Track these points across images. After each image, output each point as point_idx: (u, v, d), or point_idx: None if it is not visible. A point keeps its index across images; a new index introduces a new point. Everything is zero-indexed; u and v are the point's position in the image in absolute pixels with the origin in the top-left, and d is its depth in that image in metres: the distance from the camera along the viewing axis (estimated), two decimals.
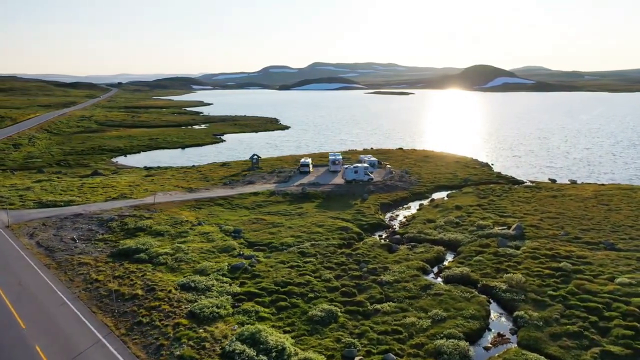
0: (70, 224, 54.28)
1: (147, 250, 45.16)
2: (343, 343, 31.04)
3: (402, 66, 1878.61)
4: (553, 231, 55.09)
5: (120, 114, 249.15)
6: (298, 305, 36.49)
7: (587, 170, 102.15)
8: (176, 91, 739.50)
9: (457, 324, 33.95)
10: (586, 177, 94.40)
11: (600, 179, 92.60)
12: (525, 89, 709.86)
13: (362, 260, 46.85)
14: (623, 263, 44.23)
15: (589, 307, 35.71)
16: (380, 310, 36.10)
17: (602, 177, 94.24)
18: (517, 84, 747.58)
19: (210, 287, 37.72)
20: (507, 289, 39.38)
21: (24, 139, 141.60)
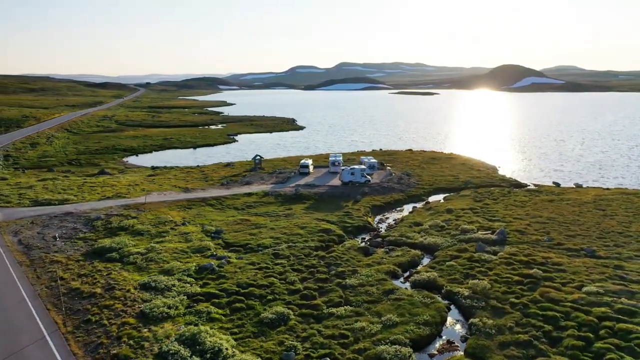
0: (57, 222, 55.85)
1: (120, 249, 46.14)
2: (285, 346, 31.16)
3: (430, 66, 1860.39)
4: (537, 236, 53.96)
5: (141, 114, 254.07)
6: (253, 307, 36.75)
7: (597, 174, 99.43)
8: (202, 91, 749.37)
9: (407, 329, 33.67)
10: (593, 181, 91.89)
11: (607, 183, 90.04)
12: (554, 89, 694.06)
13: (333, 263, 46.80)
14: (598, 271, 43.05)
15: (547, 316, 34.92)
16: (335, 314, 36.03)
17: (611, 181, 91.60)
18: (546, 84, 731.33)
19: (171, 287, 38.32)
20: (470, 295, 38.82)
21: (43, 138, 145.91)
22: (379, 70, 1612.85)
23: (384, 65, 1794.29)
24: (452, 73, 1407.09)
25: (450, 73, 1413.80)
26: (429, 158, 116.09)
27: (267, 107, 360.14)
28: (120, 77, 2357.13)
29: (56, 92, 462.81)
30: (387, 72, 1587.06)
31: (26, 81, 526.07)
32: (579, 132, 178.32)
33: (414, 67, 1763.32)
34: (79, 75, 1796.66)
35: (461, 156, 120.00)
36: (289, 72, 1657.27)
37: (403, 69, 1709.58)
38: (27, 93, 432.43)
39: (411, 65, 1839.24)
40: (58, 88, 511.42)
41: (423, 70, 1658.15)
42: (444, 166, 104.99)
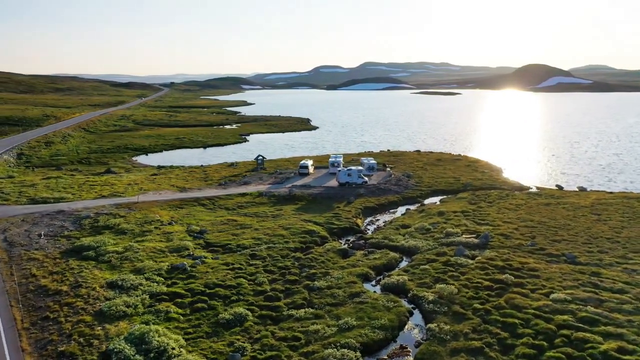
0: (47, 221, 57.32)
1: (97, 248, 47.13)
2: (234, 347, 31.44)
3: (456, 65, 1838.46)
4: (521, 241, 53.05)
5: (159, 114, 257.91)
6: (215, 308, 37.12)
7: (605, 177, 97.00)
8: (225, 91, 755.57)
9: (361, 333, 33.56)
10: (599, 185, 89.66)
11: (613, 187, 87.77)
12: (581, 89, 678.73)
13: (307, 265, 46.91)
14: (572, 277, 42.14)
15: (507, 323, 34.39)
16: (294, 316, 36.16)
17: (618, 185, 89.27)
18: (572, 83, 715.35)
19: (137, 287, 38.99)
20: (434, 300, 38.44)
21: (58, 137, 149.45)
22: (403, 70, 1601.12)
23: (408, 65, 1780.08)
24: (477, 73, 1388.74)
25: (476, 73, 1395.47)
26: (435, 159, 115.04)
27: (285, 107, 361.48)
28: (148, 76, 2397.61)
29: (82, 92, 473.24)
30: (411, 71, 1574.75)
31: (54, 81, 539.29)
32: (597, 133, 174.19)
33: (438, 67, 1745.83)
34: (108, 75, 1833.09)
35: (468, 157, 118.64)
36: (313, 72, 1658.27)
37: (428, 68, 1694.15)
38: (54, 93, 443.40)
39: (436, 65, 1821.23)
40: (84, 88, 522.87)
41: (448, 70, 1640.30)
42: (448, 168, 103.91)
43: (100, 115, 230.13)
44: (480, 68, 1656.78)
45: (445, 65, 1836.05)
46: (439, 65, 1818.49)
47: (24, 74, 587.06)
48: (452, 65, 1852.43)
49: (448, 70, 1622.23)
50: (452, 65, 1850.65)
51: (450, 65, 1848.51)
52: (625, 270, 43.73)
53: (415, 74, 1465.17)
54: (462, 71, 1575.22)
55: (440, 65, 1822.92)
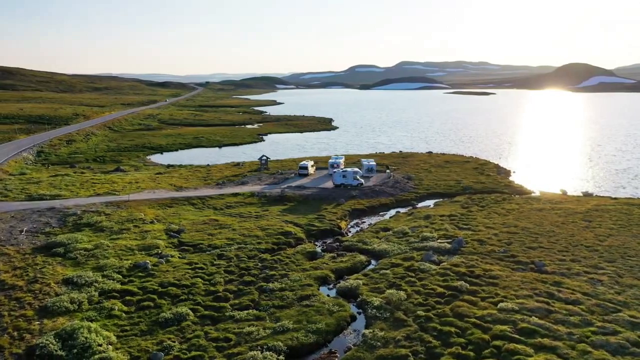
0: (35, 217, 59.61)
1: (68, 245, 48.77)
2: (161, 346, 32.09)
3: (494, 65, 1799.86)
4: (495, 247, 51.87)
5: (186, 113, 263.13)
6: (161, 307, 37.93)
7: (616, 182, 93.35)
8: (259, 90, 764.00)
9: (293, 336, 33.66)
10: (606, 190, 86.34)
11: (621, 192, 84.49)
12: (624, 89, 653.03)
13: (269, 267, 47.26)
14: (530, 287, 40.98)
15: (442, 331, 33.83)
16: (234, 317, 36.57)
17: (629, 191, 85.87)
18: (615, 83, 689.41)
19: (91, 283, 40.22)
20: (380, 305, 38.11)
21: (81, 136, 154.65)
22: (440, 70, 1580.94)
23: (446, 64, 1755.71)
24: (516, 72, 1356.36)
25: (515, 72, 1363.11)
26: (443, 161, 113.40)
27: (312, 106, 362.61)
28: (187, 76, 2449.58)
29: (119, 91, 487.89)
30: (448, 71, 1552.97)
31: (93, 81, 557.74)
32: (624, 136, 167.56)
33: (476, 66, 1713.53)
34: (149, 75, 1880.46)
35: (479, 160, 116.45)
36: (348, 72, 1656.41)
37: (465, 67, 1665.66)
38: (91, 92, 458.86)
39: (474, 64, 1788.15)
40: (121, 87, 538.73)
41: (486, 69, 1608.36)
42: (454, 170, 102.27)
43: (128, 114, 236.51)
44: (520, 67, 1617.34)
45: (484, 64, 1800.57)
46: (477, 64, 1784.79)
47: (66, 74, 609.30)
48: (491, 64, 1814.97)
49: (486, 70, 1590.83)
50: (490, 64, 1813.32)
51: (489, 64, 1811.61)
52: (590, 281, 42.22)
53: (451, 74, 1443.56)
54: (501, 70, 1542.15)
55: (479, 64, 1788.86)
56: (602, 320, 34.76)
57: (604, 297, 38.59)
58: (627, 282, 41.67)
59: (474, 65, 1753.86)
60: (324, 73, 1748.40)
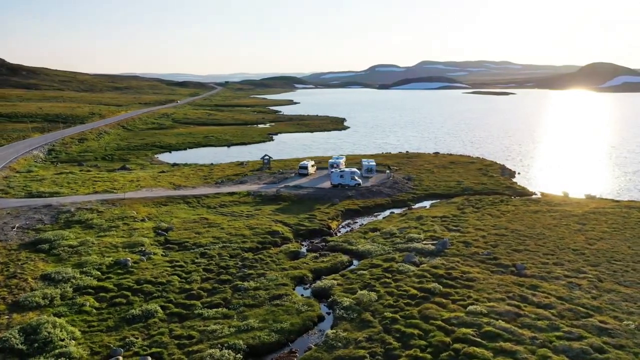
0: (30, 214, 61.01)
1: (54, 241, 49.80)
2: (123, 342, 32.56)
3: (517, 64, 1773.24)
4: (479, 249, 51.29)
5: (200, 112, 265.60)
6: (132, 304, 38.49)
7: (622, 185, 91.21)
8: (278, 90, 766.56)
9: (256, 335, 33.86)
10: (610, 193, 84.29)
11: (626, 195, 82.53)
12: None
13: (249, 266, 47.55)
14: (505, 290, 40.44)
15: (405, 333, 33.63)
16: (202, 315, 36.92)
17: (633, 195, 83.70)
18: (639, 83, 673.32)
19: (68, 279, 41.04)
20: (348, 306, 38.04)
21: (94, 134, 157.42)
22: (461, 69, 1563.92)
23: (467, 63, 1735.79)
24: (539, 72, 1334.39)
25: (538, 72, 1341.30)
26: (448, 162, 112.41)
27: (328, 106, 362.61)
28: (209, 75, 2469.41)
29: (138, 91, 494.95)
30: (469, 70, 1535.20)
31: (114, 80, 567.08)
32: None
33: (498, 66, 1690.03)
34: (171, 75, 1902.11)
35: (485, 161, 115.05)
36: (369, 71, 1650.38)
37: (487, 67, 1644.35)
38: (112, 91, 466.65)
39: (496, 63, 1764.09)
40: (141, 87, 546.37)
41: (508, 69, 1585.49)
42: (457, 171, 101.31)
43: (143, 113, 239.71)
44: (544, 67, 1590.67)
45: (506, 63, 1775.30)
46: (499, 63, 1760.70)
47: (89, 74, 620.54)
48: (514, 63, 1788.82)
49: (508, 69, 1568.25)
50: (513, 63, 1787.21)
51: (511, 63, 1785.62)
52: (568, 285, 41.46)
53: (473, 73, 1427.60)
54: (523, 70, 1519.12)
55: (501, 63, 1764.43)
56: (570, 325, 34.14)
57: (578, 302, 37.88)
58: (606, 287, 40.82)
59: (496, 64, 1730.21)
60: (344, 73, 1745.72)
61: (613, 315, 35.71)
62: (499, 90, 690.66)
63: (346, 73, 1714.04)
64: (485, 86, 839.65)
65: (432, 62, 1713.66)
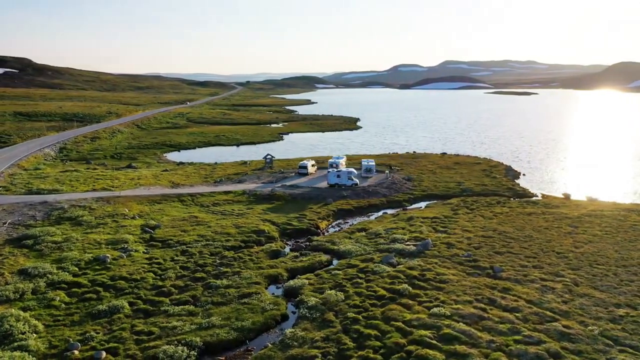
0: (25, 210, 62.52)
1: (39, 237, 50.94)
2: (83, 337, 33.16)
3: (543, 64, 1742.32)
4: (461, 251, 50.71)
5: (216, 112, 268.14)
6: (102, 299, 39.15)
7: (629, 188, 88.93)
8: (298, 90, 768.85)
9: (215, 333, 34.09)
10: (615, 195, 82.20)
11: (629, 198, 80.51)
12: None
13: (226, 264, 47.89)
14: (476, 292, 39.89)
15: (363, 334, 33.48)
16: (168, 312, 37.35)
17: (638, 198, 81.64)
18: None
19: (44, 275, 41.96)
20: (313, 305, 37.99)
21: (107, 133, 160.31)
22: (485, 69, 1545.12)
23: (491, 63, 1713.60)
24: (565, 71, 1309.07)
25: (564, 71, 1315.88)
26: (453, 162, 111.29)
27: (344, 106, 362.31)
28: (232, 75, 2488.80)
29: (159, 90, 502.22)
30: (493, 70, 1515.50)
31: (136, 80, 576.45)
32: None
33: (524, 65, 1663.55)
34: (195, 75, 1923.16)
35: (491, 161, 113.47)
36: (391, 71, 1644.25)
37: (512, 67, 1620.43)
38: (133, 91, 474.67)
39: (521, 63, 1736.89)
40: (162, 86, 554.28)
41: (534, 69, 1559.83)
42: (460, 172, 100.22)
43: (159, 112, 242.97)
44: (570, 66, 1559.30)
45: (532, 63, 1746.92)
46: (525, 63, 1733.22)
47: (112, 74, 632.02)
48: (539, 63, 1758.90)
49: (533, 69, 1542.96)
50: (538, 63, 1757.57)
51: (537, 63, 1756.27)
52: (542, 288, 40.69)
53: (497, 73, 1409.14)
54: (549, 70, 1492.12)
55: (526, 63, 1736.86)
56: (532, 329, 33.52)
57: (547, 306, 37.16)
58: (581, 291, 39.95)
59: (521, 64, 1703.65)
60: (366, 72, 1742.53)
61: (580, 320, 34.93)
62: (520, 91, 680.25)
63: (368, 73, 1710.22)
64: (509, 86, 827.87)
65: (456, 62, 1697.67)
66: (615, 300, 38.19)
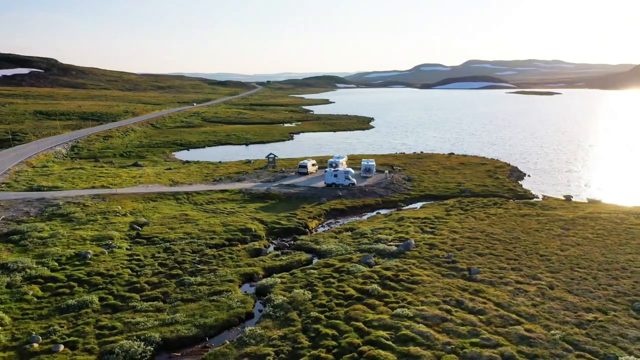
0: (21, 206, 64.11)
1: (26, 232, 52.21)
2: (46, 330, 33.89)
3: (569, 63, 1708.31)
4: (442, 252, 50.16)
5: (231, 111, 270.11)
6: (75, 294, 39.94)
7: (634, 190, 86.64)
8: (318, 89, 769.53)
9: (175, 329, 34.49)
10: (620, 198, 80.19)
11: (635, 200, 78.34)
12: None
13: (205, 261, 48.33)
14: (445, 294, 39.43)
15: (321, 333, 33.47)
16: (135, 308, 37.90)
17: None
18: None
19: (23, 269, 43.06)
20: (279, 304, 38.06)
21: (120, 132, 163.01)
22: (509, 69, 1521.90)
23: (516, 62, 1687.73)
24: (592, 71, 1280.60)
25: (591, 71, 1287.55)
26: (458, 163, 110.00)
27: (361, 106, 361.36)
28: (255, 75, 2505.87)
29: (180, 90, 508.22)
30: (518, 70, 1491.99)
31: (158, 80, 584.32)
32: None
33: (549, 65, 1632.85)
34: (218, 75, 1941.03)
35: (498, 162, 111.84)
36: (413, 70, 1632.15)
37: (537, 66, 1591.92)
38: (154, 90, 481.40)
39: (547, 62, 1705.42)
40: (183, 86, 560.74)
41: (560, 68, 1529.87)
42: (464, 172, 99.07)
43: (175, 112, 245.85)
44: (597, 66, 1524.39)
45: (558, 62, 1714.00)
46: (550, 62, 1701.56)
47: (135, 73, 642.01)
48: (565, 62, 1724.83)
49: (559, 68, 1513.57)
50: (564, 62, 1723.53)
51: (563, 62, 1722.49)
52: (515, 291, 39.99)
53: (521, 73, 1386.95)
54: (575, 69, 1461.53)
55: (552, 62, 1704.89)
56: (493, 332, 33.03)
57: (514, 309, 36.53)
58: (554, 295, 39.13)
59: (546, 63, 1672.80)
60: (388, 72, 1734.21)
61: (545, 324, 34.24)
62: (543, 90, 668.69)
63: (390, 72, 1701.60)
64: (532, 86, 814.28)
65: (480, 61, 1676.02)
66: (587, 305, 37.31)
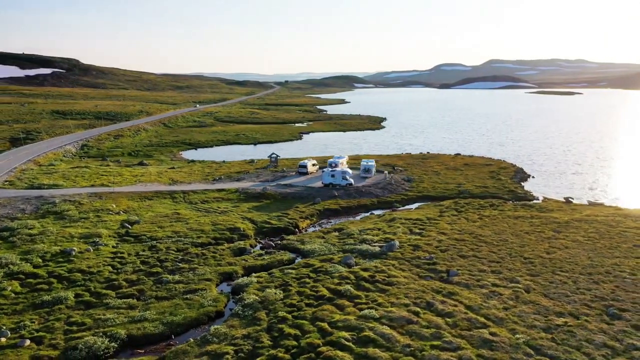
0: (19, 204, 65.53)
1: (16, 229, 53.37)
2: (16, 325, 34.63)
3: (593, 62, 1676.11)
4: (424, 253, 49.79)
5: (244, 111, 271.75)
6: (53, 290, 40.74)
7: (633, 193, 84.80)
8: (336, 89, 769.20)
9: (143, 326, 34.94)
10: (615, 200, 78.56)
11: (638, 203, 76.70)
12: None
13: (186, 260, 48.80)
14: (417, 296, 39.16)
15: (284, 333, 33.54)
16: (108, 305, 38.47)
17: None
18: None
19: (6, 265, 44.09)
20: (250, 303, 38.26)
21: (131, 131, 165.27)
22: (531, 68, 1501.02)
23: (538, 62, 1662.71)
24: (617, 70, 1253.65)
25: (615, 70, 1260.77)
26: (462, 164, 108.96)
27: (376, 106, 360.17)
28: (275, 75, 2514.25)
29: (197, 90, 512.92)
30: (540, 69, 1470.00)
31: (177, 79, 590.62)
32: None
33: (572, 64, 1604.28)
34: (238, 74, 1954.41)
35: (502, 163, 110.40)
36: (433, 70, 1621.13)
37: (560, 65, 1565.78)
38: (173, 90, 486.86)
39: (570, 61, 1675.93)
40: (201, 86, 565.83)
41: (583, 67, 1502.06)
42: (466, 173, 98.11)
43: (189, 111, 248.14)
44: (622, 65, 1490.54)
45: (581, 62, 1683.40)
46: (574, 62, 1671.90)
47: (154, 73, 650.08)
48: (589, 62, 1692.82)
49: (583, 68, 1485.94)
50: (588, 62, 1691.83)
51: (586, 62, 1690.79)
52: (489, 294, 39.49)
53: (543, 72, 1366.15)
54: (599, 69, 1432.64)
55: (575, 62, 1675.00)
56: (456, 335, 32.70)
57: (484, 312, 36.10)
58: (528, 298, 38.56)
59: (570, 63, 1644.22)
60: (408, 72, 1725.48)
61: (511, 327, 33.77)
62: (563, 90, 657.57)
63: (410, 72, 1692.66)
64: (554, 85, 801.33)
65: (501, 61, 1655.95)
66: (560, 309, 36.67)
